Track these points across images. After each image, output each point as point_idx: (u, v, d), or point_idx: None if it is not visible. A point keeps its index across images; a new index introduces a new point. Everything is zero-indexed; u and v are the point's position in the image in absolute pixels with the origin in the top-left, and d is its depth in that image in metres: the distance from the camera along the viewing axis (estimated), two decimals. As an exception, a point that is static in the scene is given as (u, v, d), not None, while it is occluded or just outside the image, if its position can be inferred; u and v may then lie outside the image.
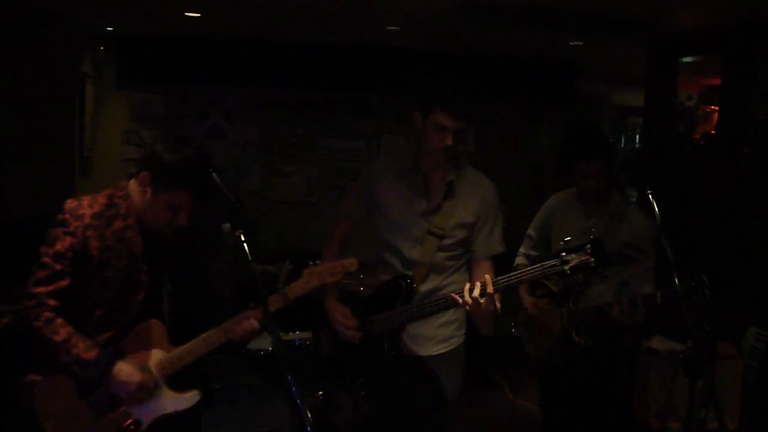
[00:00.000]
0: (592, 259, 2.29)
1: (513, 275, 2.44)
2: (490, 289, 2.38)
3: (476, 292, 2.38)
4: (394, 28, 5.14)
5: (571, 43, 5.40)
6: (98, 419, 2.22)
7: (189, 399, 2.31)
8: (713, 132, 4.76)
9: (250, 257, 1.97)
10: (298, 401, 1.85)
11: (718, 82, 4.66)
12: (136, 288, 2.30)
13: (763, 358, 3.69)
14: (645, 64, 5.22)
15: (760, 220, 4.14)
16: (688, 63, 4.97)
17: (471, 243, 2.71)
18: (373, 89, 6.36)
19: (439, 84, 2.62)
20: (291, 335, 3.93)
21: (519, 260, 3.57)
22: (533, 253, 3.58)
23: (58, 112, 5.39)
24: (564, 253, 2.32)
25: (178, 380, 2.32)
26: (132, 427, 2.22)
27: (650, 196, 2.49)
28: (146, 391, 2.24)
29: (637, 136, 8.26)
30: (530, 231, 3.62)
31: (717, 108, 4.71)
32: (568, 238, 2.40)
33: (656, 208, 2.45)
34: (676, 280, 2.32)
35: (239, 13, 4.97)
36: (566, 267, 2.31)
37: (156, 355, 2.29)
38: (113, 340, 2.27)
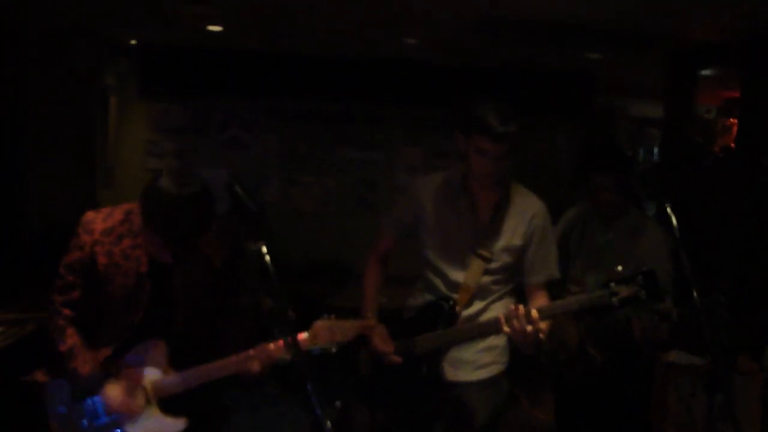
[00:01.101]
0: (644, 292, 2.18)
1: (556, 305, 2.36)
2: (538, 323, 2.27)
3: (522, 322, 2.26)
4: (412, 40, 5.18)
5: (589, 56, 5.40)
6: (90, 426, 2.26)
7: (172, 425, 2.27)
8: (732, 145, 4.74)
9: (272, 271, 1.91)
10: (318, 411, 1.86)
11: (737, 94, 4.64)
12: (136, 307, 2.27)
13: (784, 373, 3.66)
14: (664, 76, 5.21)
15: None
16: (707, 76, 4.96)
17: (522, 269, 2.61)
18: (391, 101, 6.39)
19: (479, 106, 2.48)
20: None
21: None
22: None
23: (80, 123, 5.47)
24: (613, 284, 2.21)
25: (179, 401, 2.29)
26: None
27: (668, 209, 2.48)
28: (130, 413, 2.24)
29: (656, 149, 8.22)
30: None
31: (736, 121, 4.69)
32: (620, 268, 2.27)
33: (674, 222, 2.43)
34: (695, 293, 2.30)
35: (260, 27, 5.03)
36: (615, 299, 2.20)
37: (152, 376, 2.28)
38: (114, 356, 2.29)
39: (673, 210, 2.45)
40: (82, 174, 5.53)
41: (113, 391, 2.24)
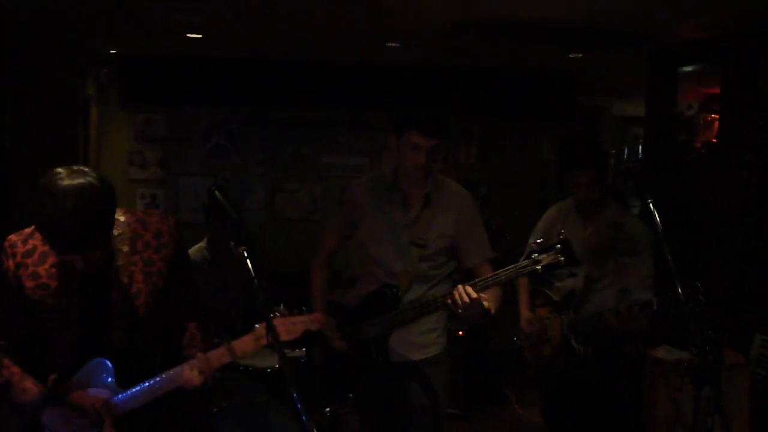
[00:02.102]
0: (562, 258, 2.45)
1: (488, 277, 2.58)
2: (474, 294, 2.51)
3: (463, 296, 2.51)
4: (393, 44, 5.18)
5: (570, 56, 5.43)
6: None
7: None
8: (714, 140, 4.77)
9: (253, 274, 1.90)
10: (304, 418, 1.84)
11: (717, 90, 4.67)
12: (72, 326, 2.13)
13: (771, 365, 3.68)
14: (645, 74, 5.24)
15: (763, 227, 4.14)
16: (687, 72, 4.99)
17: (460, 256, 2.86)
18: (375, 106, 6.39)
19: (410, 106, 2.76)
20: (297, 352, 3.93)
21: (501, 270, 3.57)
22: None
23: (62, 134, 5.43)
24: (536, 254, 2.47)
25: (139, 419, 2.18)
26: None
27: (651, 205, 2.52)
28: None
29: (640, 147, 8.27)
30: (530, 242, 3.64)
31: (717, 117, 4.72)
32: (540, 240, 2.57)
33: (657, 217, 2.47)
34: (679, 288, 2.33)
35: (240, 34, 5.02)
36: (538, 267, 2.46)
37: (100, 395, 2.14)
38: (59, 380, 2.17)
39: (655, 206, 2.50)
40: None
41: (56, 418, 2.11)
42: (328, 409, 4.18)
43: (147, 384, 2.15)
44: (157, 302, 2.21)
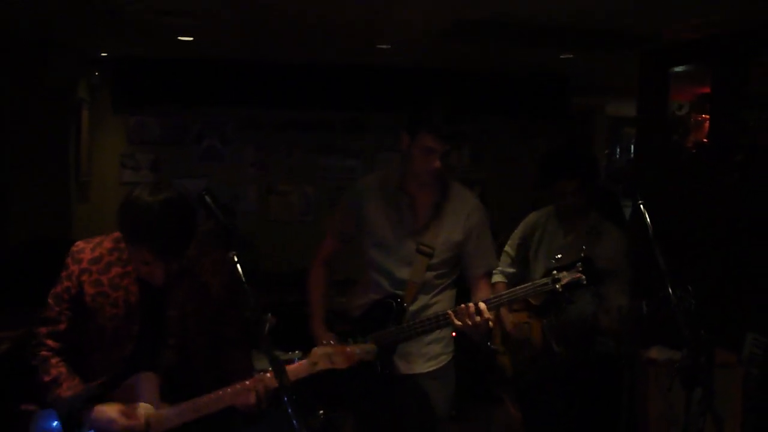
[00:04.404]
0: (583, 277, 2.36)
1: (504, 294, 2.48)
2: (486, 314, 2.40)
3: (473, 317, 2.40)
4: (385, 46, 5.18)
5: (561, 57, 5.44)
6: None
7: None
8: (705, 140, 4.79)
9: (244, 279, 1.90)
10: (295, 422, 1.84)
11: (708, 90, 4.69)
12: (126, 339, 2.19)
13: (762, 364, 3.69)
14: (636, 74, 5.26)
15: (754, 227, 4.15)
16: (678, 72, 5.00)
17: (464, 262, 2.73)
18: (367, 108, 6.40)
19: (426, 106, 2.60)
20: (290, 354, 3.92)
21: (496, 278, 3.51)
22: (510, 270, 3.58)
23: (54, 137, 5.42)
24: (555, 272, 2.39)
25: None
26: None
27: (642, 206, 2.50)
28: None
29: (632, 147, 8.30)
30: (508, 248, 3.62)
31: (708, 117, 4.74)
32: (559, 256, 2.46)
33: (648, 218, 2.46)
34: (670, 289, 2.33)
35: (231, 36, 5.01)
36: (558, 285, 2.38)
37: (143, 410, 2.16)
38: (105, 386, 2.20)
39: (645, 207, 2.49)
40: (56, 188, 5.47)
41: (108, 413, 2.12)
42: (321, 411, 4.17)
43: (194, 401, 2.14)
44: (209, 325, 2.27)
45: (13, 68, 4.98)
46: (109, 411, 2.14)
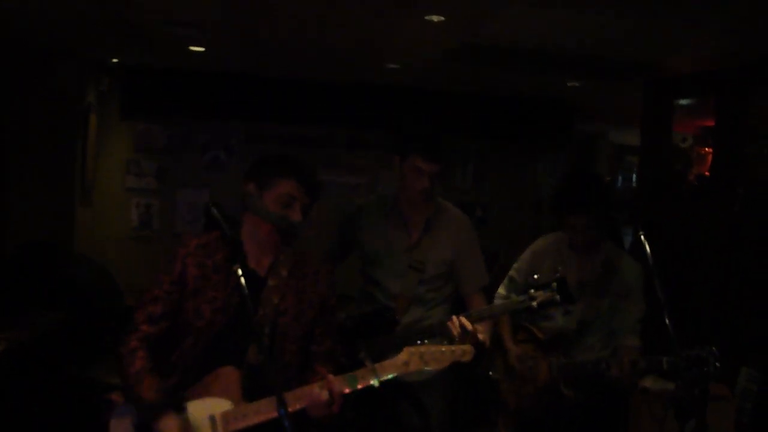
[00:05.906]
0: (558, 296, 2.51)
1: (484, 309, 2.61)
2: (468, 326, 2.53)
3: (457, 329, 2.54)
4: (393, 66, 5.23)
5: (568, 84, 5.48)
6: None
7: None
8: (707, 173, 4.81)
9: (247, 291, 1.92)
10: (286, 423, 1.84)
11: (711, 123, 4.72)
12: (215, 324, 2.20)
13: (756, 398, 3.69)
14: (641, 105, 5.29)
15: (753, 261, 4.16)
16: (683, 105, 5.04)
17: (457, 280, 2.89)
18: (371, 126, 6.42)
19: (415, 129, 2.78)
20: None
21: (498, 303, 3.30)
22: (514, 297, 3.37)
23: (61, 142, 5.45)
24: (532, 290, 2.53)
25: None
26: None
27: (642, 237, 2.50)
28: None
29: (634, 175, 8.33)
30: (513, 273, 3.36)
31: (711, 150, 4.76)
32: (536, 276, 2.59)
33: (648, 249, 2.46)
34: (667, 320, 2.32)
35: (242, 50, 5.06)
36: (534, 303, 2.51)
37: (222, 405, 2.13)
38: (184, 382, 2.19)
39: (647, 237, 2.50)
40: (61, 192, 5.49)
41: (170, 425, 2.10)
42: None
43: (270, 399, 2.08)
44: (299, 332, 2.28)
45: (23, 72, 5.03)
46: (171, 423, 2.10)
